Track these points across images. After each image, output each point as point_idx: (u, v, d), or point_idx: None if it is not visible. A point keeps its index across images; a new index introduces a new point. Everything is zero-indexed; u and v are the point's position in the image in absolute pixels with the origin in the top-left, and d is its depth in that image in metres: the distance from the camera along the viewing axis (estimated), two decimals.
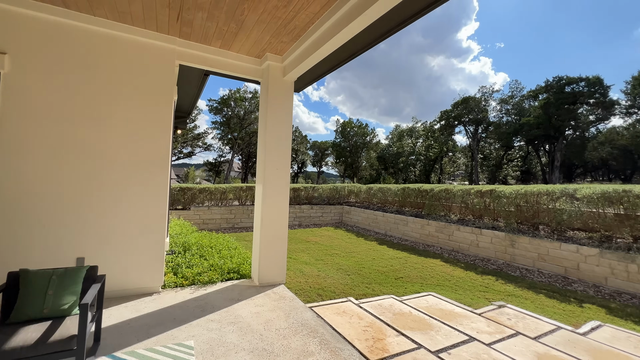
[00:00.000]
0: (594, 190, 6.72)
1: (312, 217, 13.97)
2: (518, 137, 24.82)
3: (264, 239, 4.35)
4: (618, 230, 6.63)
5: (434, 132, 31.33)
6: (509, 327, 3.75)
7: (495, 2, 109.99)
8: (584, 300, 5.25)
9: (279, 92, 4.48)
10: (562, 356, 3.15)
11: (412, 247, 9.47)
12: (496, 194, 8.59)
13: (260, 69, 4.64)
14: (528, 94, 25.08)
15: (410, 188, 11.90)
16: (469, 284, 5.83)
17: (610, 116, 22.50)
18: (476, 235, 8.55)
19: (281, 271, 4.48)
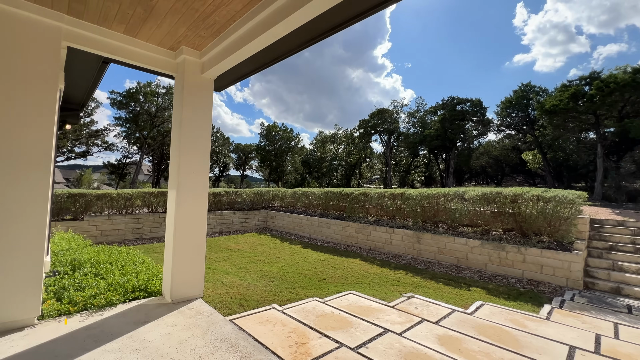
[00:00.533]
0: (477, 192, 8.14)
1: (235, 224, 13.34)
2: (422, 146, 28.61)
3: (177, 250, 3.93)
4: (493, 225, 8.18)
5: (354, 140, 33.68)
6: (416, 316, 4.21)
7: (404, 27, 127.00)
8: (471, 284, 6.27)
9: (197, 90, 4.14)
10: (456, 335, 3.68)
11: (335, 248, 9.89)
12: (406, 197, 9.64)
13: (175, 62, 4.22)
14: (429, 110, 29.26)
15: (332, 192, 12.43)
16: (384, 280, 6.36)
17: (487, 132, 27.95)
18: (390, 234, 9.42)
19: (198, 284, 4.11)
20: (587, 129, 18.11)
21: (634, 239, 7.18)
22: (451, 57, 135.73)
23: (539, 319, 4.41)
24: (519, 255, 6.89)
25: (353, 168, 36.80)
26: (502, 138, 31.32)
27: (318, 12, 2.60)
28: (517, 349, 3.41)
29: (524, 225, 7.38)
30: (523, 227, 7.41)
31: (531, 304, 5.22)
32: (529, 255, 6.75)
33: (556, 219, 6.96)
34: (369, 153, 36.65)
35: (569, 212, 6.87)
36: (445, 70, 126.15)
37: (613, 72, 16.99)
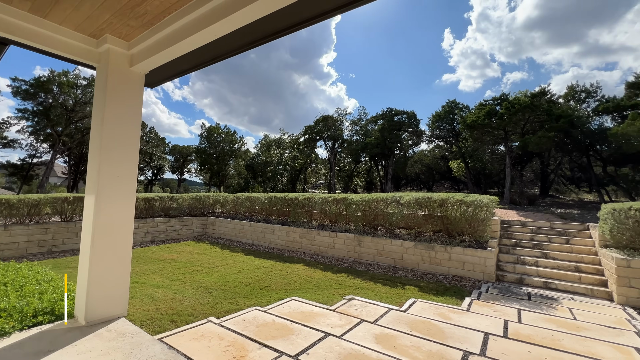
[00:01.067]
0: (411, 197, 8.83)
1: (170, 232, 12.28)
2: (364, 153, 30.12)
3: (95, 264, 3.45)
4: (425, 227, 8.95)
5: (300, 145, 33.92)
6: (355, 317, 4.35)
7: (349, 39, 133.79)
8: (406, 283, 6.74)
9: (123, 84, 3.73)
10: (391, 332, 3.90)
11: (279, 254, 9.74)
12: (348, 201, 9.99)
13: (97, 51, 3.74)
14: (371, 119, 31.05)
15: (277, 197, 12.28)
16: (326, 284, 6.46)
17: (421, 142, 30.75)
18: (332, 238, 9.64)
19: (121, 301, 3.66)
20: (498, 143, 21.11)
21: (532, 236, 8.52)
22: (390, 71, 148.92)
23: (461, 310, 4.92)
24: (445, 254, 7.63)
25: (298, 173, 36.95)
26: (432, 148, 34.74)
27: (261, 14, 2.56)
28: (443, 340, 3.74)
29: (450, 227, 8.22)
30: (449, 229, 8.25)
31: (455, 297, 5.81)
32: (453, 254, 7.53)
33: (475, 220, 7.90)
34: (314, 158, 37.22)
35: (484, 215, 7.86)
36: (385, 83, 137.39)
37: (517, 96, 20.20)
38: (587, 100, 21.86)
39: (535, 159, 24.71)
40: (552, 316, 4.87)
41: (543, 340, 3.89)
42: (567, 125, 17.73)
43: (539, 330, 4.23)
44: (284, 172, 34.30)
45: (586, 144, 19.81)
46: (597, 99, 21.32)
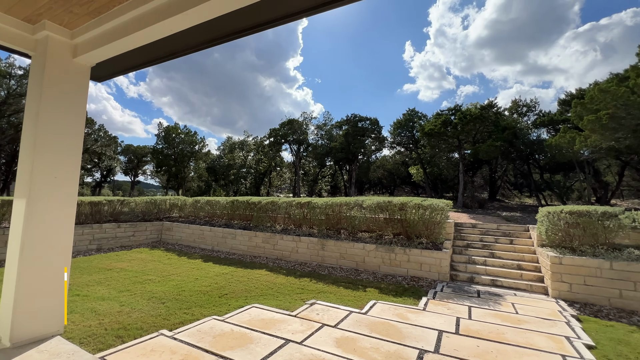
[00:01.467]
0: (373, 201, 9.08)
1: (120, 238, 11.34)
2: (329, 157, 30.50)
3: (24, 276, 3.05)
4: (385, 230, 9.24)
5: (264, 147, 33.38)
6: (317, 322, 4.33)
7: (315, 44, 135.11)
8: (367, 285, 6.88)
9: (64, 75, 3.38)
10: (352, 335, 3.94)
11: (240, 260, 9.44)
12: (312, 205, 10.00)
13: (33, 38, 3.36)
14: (336, 124, 31.55)
15: (239, 200, 11.93)
16: (288, 289, 6.38)
17: (383, 148, 31.89)
18: (296, 242, 9.57)
19: (56, 317, 3.27)
20: (453, 150, 22.62)
21: (482, 237, 9.19)
22: (355, 78, 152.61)
23: (418, 310, 5.13)
24: (404, 256, 7.94)
25: (263, 176, 36.33)
26: (394, 154, 36.22)
27: (220, 12, 2.48)
28: (401, 340, 3.86)
29: (409, 230, 8.58)
30: (408, 231, 8.60)
31: (413, 297, 6.05)
32: (412, 256, 7.86)
33: (431, 223, 8.34)
34: (279, 162, 36.84)
35: (440, 218, 8.32)
36: (350, 89, 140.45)
37: (469, 107, 21.84)
38: (528, 114, 24.35)
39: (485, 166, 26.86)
40: (498, 311, 5.27)
41: (490, 335, 4.19)
42: (511, 136, 19.54)
43: (486, 325, 4.54)
44: (248, 175, 33.49)
45: (527, 153, 21.98)
46: (536, 113, 23.84)
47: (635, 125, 11.63)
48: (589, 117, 12.34)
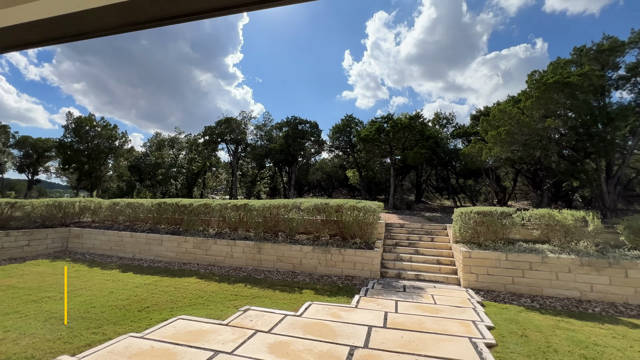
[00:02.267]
0: (310, 203, 9.19)
1: (8, 249, 9.37)
2: (268, 159, 29.99)
3: None
4: (322, 231, 9.44)
5: (198, 146, 31.17)
6: (250, 329, 4.18)
7: (257, 43, 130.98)
8: (303, 287, 6.92)
9: None
10: (285, 339, 3.90)
11: (167, 268, 8.63)
12: (248, 208, 9.68)
13: None
14: (276, 125, 31.20)
15: (167, 203, 10.92)
16: (221, 296, 6.04)
17: (322, 151, 32.66)
18: (231, 246, 9.14)
19: None
20: (385, 156, 24.36)
21: (408, 236, 10.04)
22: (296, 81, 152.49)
23: (350, 308, 5.34)
24: (340, 256, 8.21)
25: (196, 177, 33.90)
26: (332, 157, 37.41)
27: None
28: (334, 339, 3.96)
29: (344, 231, 8.91)
30: (343, 232, 8.93)
31: (346, 296, 6.28)
32: (347, 256, 8.17)
33: (365, 224, 8.80)
34: (214, 162, 34.80)
35: (372, 219, 8.83)
36: (291, 91, 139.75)
37: (400, 117, 23.80)
38: (447, 125, 27.64)
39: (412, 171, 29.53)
40: (420, 303, 5.80)
41: (412, 325, 4.57)
42: (434, 145, 21.91)
43: (410, 317, 4.95)
44: (179, 175, 30.85)
45: (446, 160, 24.87)
46: (453, 125, 27.20)
47: (525, 140, 14.13)
48: (492, 132, 14.56)
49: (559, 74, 12.35)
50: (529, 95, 13.32)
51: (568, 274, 6.80)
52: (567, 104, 12.21)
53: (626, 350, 4.07)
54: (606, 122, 11.98)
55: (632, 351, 4.06)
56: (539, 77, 13.41)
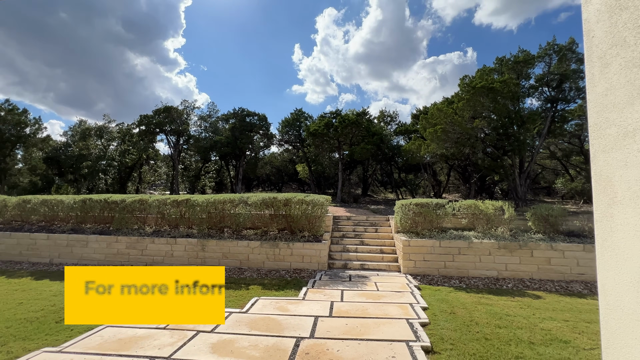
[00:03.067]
0: (258, 197, 9.00)
1: None
2: (214, 152, 28.48)
3: None
4: (271, 226, 9.32)
5: (133, 137, 28.14)
6: (190, 330, 3.96)
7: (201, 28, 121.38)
8: (250, 283, 6.77)
9: None
10: (230, 337, 3.78)
11: None
12: (191, 203, 9.10)
13: None
14: (222, 117, 29.65)
15: (94, 200, 9.72)
16: None
17: (271, 144, 32.08)
18: (171, 245, 8.53)
19: None
20: (334, 150, 24.93)
21: (354, 228, 10.44)
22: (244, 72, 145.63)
23: (298, 300, 5.39)
24: (288, 250, 8.21)
25: (130, 171, 30.66)
26: (282, 151, 37.03)
27: None
28: (280, 332, 3.96)
29: (293, 224, 8.92)
30: (292, 226, 8.93)
31: (294, 289, 6.31)
32: (295, 249, 8.20)
33: (313, 217, 8.91)
34: (152, 154, 31.82)
35: (320, 212, 8.98)
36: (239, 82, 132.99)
37: (347, 113, 24.49)
38: (391, 123, 29.26)
39: (359, 166, 30.73)
40: (364, 291, 6.10)
41: (356, 312, 4.79)
42: (379, 141, 23.04)
43: (354, 304, 5.17)
44: (110, 168, 27.59)
45: (390, 156, 26.36)
46: (396, 123, 28.92)
47: (457, 138, 15.68)
48: (430, 129, 15.86)
49: (485, 80, 13.92)
50: (460, 98, 14.78)
51: (489, 256, 7.75)
52: (491, 107, 13.86)
53: (530, 318, 4.80)
54: (520, 124, 13.94)
55: (534, 318, 4.81)
56: (468, 81, 14.95)
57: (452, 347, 3.69)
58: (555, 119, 15.93)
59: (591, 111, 1.41)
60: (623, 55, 1.23)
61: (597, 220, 1.38)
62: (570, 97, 15.04)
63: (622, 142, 1.23)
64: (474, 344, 3.80)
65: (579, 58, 14.26)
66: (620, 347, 1.24)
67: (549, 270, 7.58)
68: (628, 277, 1.21)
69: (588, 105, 1.44)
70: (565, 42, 14.29)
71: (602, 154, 1.34)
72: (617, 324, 1.26)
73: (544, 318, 4.82)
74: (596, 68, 1.37)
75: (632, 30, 1.19)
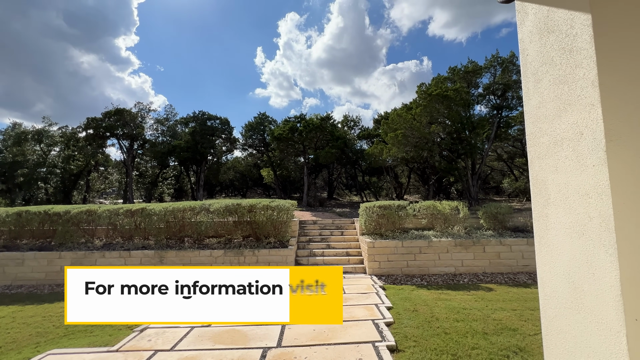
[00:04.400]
0: (221, 204, 8.70)
1: None
2: (172, 157, 27.02)
3: None
4: (235, 233, 9.04)
5: (79, 141, 25.69)
6: (147, 350, 3.69)
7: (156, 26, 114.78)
8: None
9: None
10: (192, 354, 3.58)
11: (32, 293, 6.89)
12: (147, 212, 8.53)
13: None
14: (180, 120, 28.27)
15: (31, 212, 8.72)
16: None
17: (234, 149, 31.24)
18: (125, 258, 7.91)
19: None
20: (299, 155, 24.97)
21: (321, 232, 10.50)
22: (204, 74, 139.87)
23: None
24: (253, 257, 8.01)
25: (76, 179, 27.95)
26: (246, 156, 36.21)
27: None
28: (246, 344, 3.83)
29: (258, 231, 8.74)
30: (257, 233, 8.75)
31: None
32: (260, 256, 8.03)
33: (279, 223, 8.81)
34: (102, 160, 29.31)
35: (286, 217, 8.91)
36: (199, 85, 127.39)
37: (312, 117, 24.68)
38: (354, 127, 30.02)
39: (324, 170, 31.06)
40: None
41: None
42: (343, 145, 23.50)
43: None
44: (51, 176, 24.90)
45: (353, 160, 26.99)
46: (359, 128, 29.73)
47: (415, 142, 16.54)
48: (391, 134, 16.57)
49: (439, 88, 14.89)
50: (418, 104, 15.66)
51: (446, 253, 8.22)
52: (446, 113, 14.84)
53: (483, 310, 5.17)
54: (471, 129, 15.10)
55: (487, 310, 5.18)
56: (425, 89, 15.89)
57: (415, 344, 3.85)
58: (501, 125, 17.49)
59: (527, 121, 1.56)
60: (552, 72, 1.38)
61: (535, 219, 1.53)
62: (513, 104, 16.64)
63: (553, 149, 1.38)
64: (434, 339, 3.99)
65: (519, 70, 15.85)
66: (557, 333, 1.38)
67: (499, 264, 8.23)
68: (561, 270, 1.35)
69: (525, 115, 1.60)
70: (507, 55, 15.81)
71: (538, 159, 1.49)
72: (554, 312, 1.40)
73: (495, 309, 5.21)
74: (530, 83, 1.53)
75: (558, 51, 1.35)
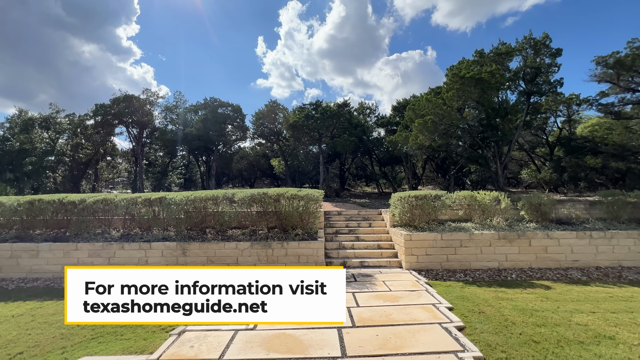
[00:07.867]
0: (246, 193, 8.11)
1: None
2: (182, 145, 26.45)
3: None
4: (259, 224, 8.48)
5: (87, 129, 25.17)
6: (191, 358, 3.14)
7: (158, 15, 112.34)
8: None
9: None
10: None
11: (49, 287, 6.43)
12: (166, 202, 7.98)
13: None
14: (190, 107, 27.51)
15: (45, 201, 8.22)
16: None
17: (246, 138, 30.49)
18: (145, 250, 7.40)
19: None
20: (314, 143, 24.26)
21: (347, 223, 9.90)
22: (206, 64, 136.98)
23: None
24: (282, 250, 7.46)
25: (85, 167, 27.59)
26: (254, 145, 35.53)
27: None
28: (304, 352, 3.28)
29: (284, 222, 8.15)
30: (284, 223, 8.16)
31: None
32: (290, 249, 7.46)
33: (307, 213, 8.20)
34: (110, 149, 28.86)
35: (314, 207, 8.30)
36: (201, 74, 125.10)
37: (328, 104, 23.82)
38: (370, 115, 29.02)
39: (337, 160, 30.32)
40: (377, 292, 5.56)
41: (381, 319, 4.22)
42: (361, 133, 22.70)
43: (374, 309, 4.61)
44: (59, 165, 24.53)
45: (370, 148, 26.18)
46: (375, 115, 28.71)
47: (445, 129, 15.69)
48: (419, 120, 15.69)
49: (472, 70, 13.94)
50: (449, 87, 14.67)
51: (489, 247, 7.59)
52: (478, 97, 13.92)
53: (558, 312, 4.56)
54: (503, 115, 14.22)
55: (562, 312, 4.56)
56: (457, 71, 14.89)
57: (505, 356, 3.25)
58: (529, 112, 16.54)
59: None
60: None
61: None
62: (544, 90, 15.64)
63: None
64: (525, 349, 3.40)
65: (552, 52, 14.83)
66: None
67: (546, 259, 7.59)
68: None
69: None
70: (539, 37, 14.75)
71: None
72: None
73: (571, 311, 4.60)
74: None
75: None
